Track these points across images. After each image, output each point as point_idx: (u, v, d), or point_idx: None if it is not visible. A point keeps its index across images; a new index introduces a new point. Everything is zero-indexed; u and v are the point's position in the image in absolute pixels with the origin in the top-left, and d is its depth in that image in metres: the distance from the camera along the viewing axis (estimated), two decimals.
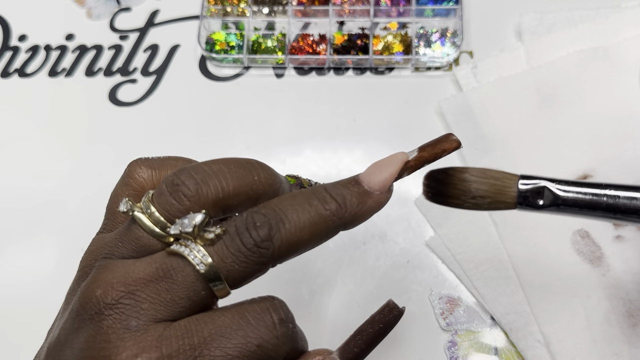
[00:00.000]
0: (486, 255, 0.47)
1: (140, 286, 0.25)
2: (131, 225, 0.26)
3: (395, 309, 0.29)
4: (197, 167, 0.26)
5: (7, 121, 0.57)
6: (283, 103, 0.55)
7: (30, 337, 0.49)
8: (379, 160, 0.28)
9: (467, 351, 0.45)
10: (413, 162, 0.29)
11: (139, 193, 0.29)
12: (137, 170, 0.29)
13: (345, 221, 0.27)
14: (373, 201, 0.27)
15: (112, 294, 0.25)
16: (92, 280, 0.25)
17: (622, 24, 0.53)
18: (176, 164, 0.30)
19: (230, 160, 0.27)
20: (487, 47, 0.55)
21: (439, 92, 0.54)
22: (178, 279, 0.25)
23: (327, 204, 0.26)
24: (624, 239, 0.46)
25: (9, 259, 0.51)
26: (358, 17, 0.57)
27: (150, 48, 0.58)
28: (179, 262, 0.25)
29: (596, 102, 0.51)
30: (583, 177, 0.49)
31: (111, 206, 0.29)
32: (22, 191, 0.54)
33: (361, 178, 0.28)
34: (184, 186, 0.25)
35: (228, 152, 0.54)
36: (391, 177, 0.28)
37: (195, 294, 0.25)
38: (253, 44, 0.57)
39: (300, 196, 0.26)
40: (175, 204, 0.25)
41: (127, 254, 0.26)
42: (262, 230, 0.25)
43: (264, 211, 0.26)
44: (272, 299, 0.26)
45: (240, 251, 0.25)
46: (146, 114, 0.56)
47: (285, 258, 0.26)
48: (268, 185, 0.27)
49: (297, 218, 0.26)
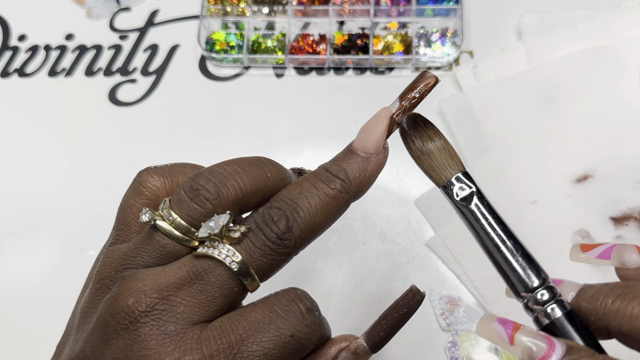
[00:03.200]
0: (486, 256, 0.47)
1: (174, 291, 0.25)
2: (153, 234, 0.27)
3: (418, 294, 0.31)
4: (212, 171, 0.27)
5: (7, 121, 0.57)
6: (283, 103, 0.55)
7: (30, 337, 0.49)
8: (365, 123, 0.29)
9: (467, 351, 0.45)
10: (397, 114, 0.29)
11: (153, 202, 0.29)
12: (149, 179, 0.29)
13: (353, 193, 0.28)
14: (373, 165, 0.28)
15: (145, 301, 0.25)
16: (120, 290, 0.26)
17: (622, 24, 0.53)
18: (185, 170, 0.30)
19: (242, 160, 0.27)
20: (487, 47, 0.55)
21: (439, 92, 0.54)
22: (210, 279, 0.26)
23: (332, 183, 0.27)
24: (625, 239, 0.46)
25: (9, 259, 0.51)
26: (358, 17, 0.57)
27: (150, 48, 0.58)
28: (209, 263, 0.26)
29: (596, 102, 0.51)
30: (583, 177, 0.49)
31: (124, 217, 0.29)
32: (22, 191, 0.53)
33: (355, 146, 0.28)
34: (205, 190, 0.26)
35: (228, 152, 0.54)
36: (382, 136, 0.28)
37: (229, 291, 0.26)
38: (253, 43, 0.57)
39: (305, 182, 0.27)
40: (197, 208, 0.26)
41: (152, 262, 0.27)
42: (280, 223, 0.26)
43: (278, 204, 0.27)
44: (295, 290, 0.27)
45: (265, 245, 0.26)
46: (146, 113, 0.56)
47: (307, 243, 0.27)
48: (280, 180, 0.28)
49: (309, 204, 0.27)
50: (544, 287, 0.28)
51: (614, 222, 0.47)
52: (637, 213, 0.47)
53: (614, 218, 0.47)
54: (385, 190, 0.51)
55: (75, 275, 0.50)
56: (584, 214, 0.47)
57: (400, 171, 0.52)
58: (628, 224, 0.47)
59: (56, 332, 0.45)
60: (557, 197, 0.48)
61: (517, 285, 0.29)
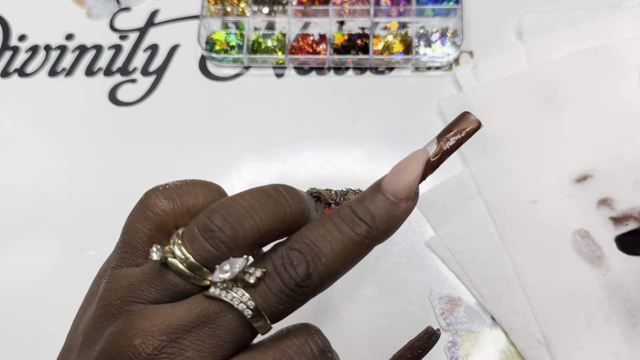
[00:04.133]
0: (486, 255, 0.47)
1: (182, 333, 0.24)
2: (163, 270, 0.25)
3: (434, 335, 0.29)
4: (228, 208, 0.25)
5: (7, 121, 0.57)
6: (283, 103, 0.55)
7: (30, 337, 0.49)
8: (398, 163, 0.27)
9: (467, 351, 0.45)
10: (435, 159, 0.26)
11: (161, 227, 0.27)
12: (157, 204, 0.27)
13: (377, 239, 0.26)
14: (401, 211, 0.26)
15: (153, 343, 0.24)
16: (126, 327, 0.25)
17: (622, 24, 0.53)
18: (195, 192, 0.28)
19: (260, 193, 0.25)
20: (487, 47, 0.55)
21: (439, 92, 0.54)
22: (221, 323, 0.24)
23: (358, 227, 0.25)
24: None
25: (9, 259, 0.51)
26: (358, 16, 0.57)
27: (150, 48, 0.58)
28: (221, 306, 0.24)
29: (596, 102, 0.51)
30: (583, 177, 0.49)
31: (130, 240, 0.27)
32: (22, 191, 0.53)
33: (384, 187, 0.26)
34: (220, 232, 0.24)
35: (228, 152, 0.54)
36: (415, 181, 0.26)
37: (240, 336, 0.25)
38: (253, 43, 0.57)
39: (329, 223, 0.26)
40: (212, 250, 0.25)
41: (159, 299, 0.25)
42: (300, 268, 0.25)
43: (298, 246, 0.25)
44: (307, 329, 0.26)
45: (282, 292, 0.25)
46: (146, 113, 0.56)
47: (324, 289, 0.26)
48: (299, 214, 0.26)
49: (332, 250, 0.25)
50: None
51: (614, 222, 0.47)
52: (637, 213, 0.47)
53: (614, 218, 0.47)
54: None
55: (75, 275, 0.50)
56: (583, 214, 0.47)
57: None
58: (628, 224, 0.47)
59: (56, 331, 0.45)
60: (557, 197, 0.48)
61: None
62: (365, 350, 0.46)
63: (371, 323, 0.47)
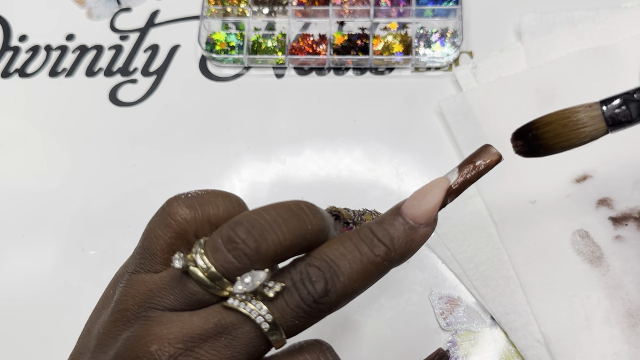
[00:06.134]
0: (486, 255, 0.47)
1: (199, 342, 0.24)
2: (183, 278, 0.26)
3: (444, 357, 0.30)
4: (252, 221, 0.25)
5: (7, 121, 0.57)
6: (283, 103, 0.55)
7: (30, 337, 0.49)
8: (419, 189, 0.27)
9: (467, 351, 0.45)
10: (456, 187, 0.27)
11: (181, 235, 0.28)
12: (179, 212, 0.27)
13: (395, 261, 0.27)
14: (420, 236, 0.27)
15: (169, 350, 0.24)
16: (143, 332, 0.25)
17: (622, 24, 0.53)
18: (216, 202, 0.28)
19: (284, 209, 0.26)
20: (487, 47, 0.55)
21: (439, 92, 0.54)
22: (238, 335, 0.25)
23: (376, 248, 0.26)
24: (624, 239, 0.46)
25: (9, 259, 0.51)
26: (358, 17, 0.57)
27: (150, 48, 0.58)
28: (239, 318, 0.25)
29: None
30: (583, 177, 0.49)
31: (150, 246, 0.28)
32: (22, 191, 0.54)
33: (404, 211, 0.27)
34: (244, 244, 0.25)
35: (228, 152, 0.54)
36: (435, 207, 0.27)
37: (255, 349, 0.25)
38: (253, 44, 0.57)
39: (349, 242, 0.26)
40: (234, 262, 0.25)
41: (177, 306, 0.26)
42: (318, 285, 0.25)
43: (318, 263, 0.26)
44: (320, 345, 0.26)
45: (300, 307, 0.25)
46: (146, 114, 0.56)
47: (340, 307, 0.26)
48: (320, 231, 0.26)
49: (350, 269, 0.26)
50: None
51: (613, 222, 0.47)
52: (637, 213, 0.47)
53: (613, 218, 0.47)
54: (385, 190, 0.51)
55: (76, 275, 0.51)
56: (583, 214, 0.48)
57: (400, 171, 0.52)
58: (627, 224, 0.47)
59: (56, 331, 0.46)
60: (556, 197, 0.48)
61: None
62: (365, 350, 0.46)
63: (371, 323, 0.47)
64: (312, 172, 0.52)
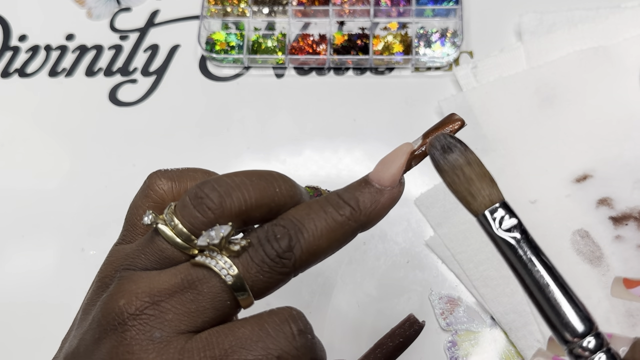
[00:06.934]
0: (486, 255, 0.47)
1: (165, 297, 0.25)
2: (154, 237, 0.27)
3: (415, 324, 0.30)
4: (219, 180, 0.26)
5: (7, 121, 0.57)
6: (283, 103, 0.55)
7: (30, 337, 0.49)
8: (385, 156, 0.29)
9: (467, 351, 0.45)
10: (419, 151, 0.29)
11: (159, 205, 0.29)
12: (157, 182, 0.29)
13: (362, 223, 0.28)
14: (386, 198, 0.28)
15: (136, 303, 0.25)
16: (114, 290, 0.26)
17: (622, 24, 0.53)
18: (195, 176, 0.29)
19: (252, 173, 0.27)
20: (487, 47, 0.55)
21: (439, 92, 0.54)
22: (204, 289, 0.25)
23: (342, 209, 0.27)
24: (624, 239, 0.46)
25: (9, 259, 0.51)
26: (358, 17, 0.57)
27: (150, 48, 0.58)
28: (205, 273, 0.25)
29: (596, 102, 0.51)
30: (582, 177, 0.49)
31: (131, 218, 0.29)
32: (22, 191, 0.54)
33: (370, 177, 0.28)
34: (208, 199, 0.26)
35: (228, 152, 0.54)
36: (399, 170, 0.28)
37: (221, 304, 0.25)
38: (253, 44, 0.57)
39: (315, 204, 0.27)
40: (199, 216, 0.26)
41: (149, 266, 0.26)
42: (282, 241, 0.26)
43: (283, 222, 0.26)
44: (290, 310, 0.26)
45: (264, 262, 0.26)
46: (146, 114, 0.56)
47: (307, 266, 0.27)
48: (289, 197, 0.27)
49: (315, 227, 0.26)
50: (592, 335, 0.26)
51: (614, 222, 0.47)
52: (637, 213, 0.47)
53: (614, 218, 0.47)
54: None
55: (76, 275, 0.51)
56: (583, 214, 0.48)
57: None
58: (628, 223, 0.47)
59: (56, 331, 0.45)
60: (556, 197, 0.48)
61: (561, 329, 0.26)
62: (365, 350, 0.46)
63: (371, 323, 0.47)
64: (312, 172, 0.52)
